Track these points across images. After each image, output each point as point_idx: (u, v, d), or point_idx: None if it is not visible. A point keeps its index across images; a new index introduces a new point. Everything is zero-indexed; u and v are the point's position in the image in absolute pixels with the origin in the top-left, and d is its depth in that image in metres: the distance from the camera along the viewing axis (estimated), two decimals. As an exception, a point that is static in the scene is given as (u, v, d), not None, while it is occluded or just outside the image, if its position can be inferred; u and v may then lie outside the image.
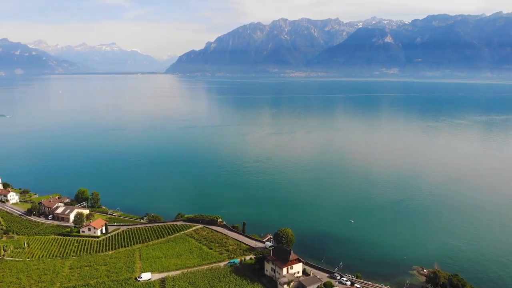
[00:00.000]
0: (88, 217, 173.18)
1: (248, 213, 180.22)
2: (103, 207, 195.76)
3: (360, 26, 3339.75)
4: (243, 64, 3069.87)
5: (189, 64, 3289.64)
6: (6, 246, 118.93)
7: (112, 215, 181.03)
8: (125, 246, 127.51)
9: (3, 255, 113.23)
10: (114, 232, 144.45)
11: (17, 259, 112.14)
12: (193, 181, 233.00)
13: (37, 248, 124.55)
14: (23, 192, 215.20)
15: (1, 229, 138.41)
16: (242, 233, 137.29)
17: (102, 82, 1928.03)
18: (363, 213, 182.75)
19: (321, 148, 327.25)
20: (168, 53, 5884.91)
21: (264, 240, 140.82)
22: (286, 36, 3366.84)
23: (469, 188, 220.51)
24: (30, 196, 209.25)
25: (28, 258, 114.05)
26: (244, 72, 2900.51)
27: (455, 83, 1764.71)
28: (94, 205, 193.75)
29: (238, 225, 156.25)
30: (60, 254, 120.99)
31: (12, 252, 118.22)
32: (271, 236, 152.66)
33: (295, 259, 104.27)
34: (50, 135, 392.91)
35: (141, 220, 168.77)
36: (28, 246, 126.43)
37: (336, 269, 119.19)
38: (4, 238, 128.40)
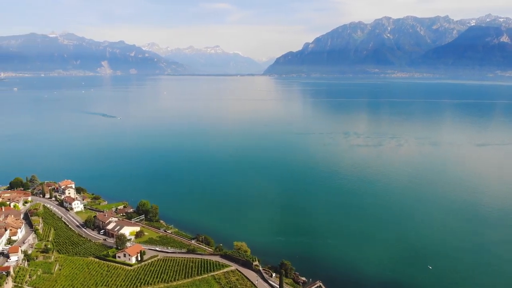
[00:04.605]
0: (138, 234, 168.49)
1: (305, 245, 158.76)
2: (161, 221, 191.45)
3: (472, 24, 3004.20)
4: (340, 64, 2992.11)
5: (286, 65, 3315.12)
6: (34, 271, 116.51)
7: (165, 232, 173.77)
8: (147, 284, 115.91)
9: (26, 282, 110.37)
10: (149, 260, 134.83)
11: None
12: (255, 200, 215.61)
13: (65, 275, 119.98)
14: (94, 198, 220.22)
15: (45, 245, 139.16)
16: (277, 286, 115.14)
17: (204, 83, 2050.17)
18: (448, 258, 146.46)
19: (409, 167, 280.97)
20: (267, 55, 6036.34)
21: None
22: (388, 35, 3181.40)
23: None
24: (99, 203, 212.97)
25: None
26: (341, 72, 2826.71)
27: None
28: (152, 219, 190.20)
29: (288, 262, 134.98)
30: (82, 286, 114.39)
31: (38, 277, 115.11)
32: (320, 284, 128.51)
33: None
34: (141, 138, 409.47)
35: (192, 242, 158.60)
36: (60, 270, 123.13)
37: None
38: (41, 258, 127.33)
